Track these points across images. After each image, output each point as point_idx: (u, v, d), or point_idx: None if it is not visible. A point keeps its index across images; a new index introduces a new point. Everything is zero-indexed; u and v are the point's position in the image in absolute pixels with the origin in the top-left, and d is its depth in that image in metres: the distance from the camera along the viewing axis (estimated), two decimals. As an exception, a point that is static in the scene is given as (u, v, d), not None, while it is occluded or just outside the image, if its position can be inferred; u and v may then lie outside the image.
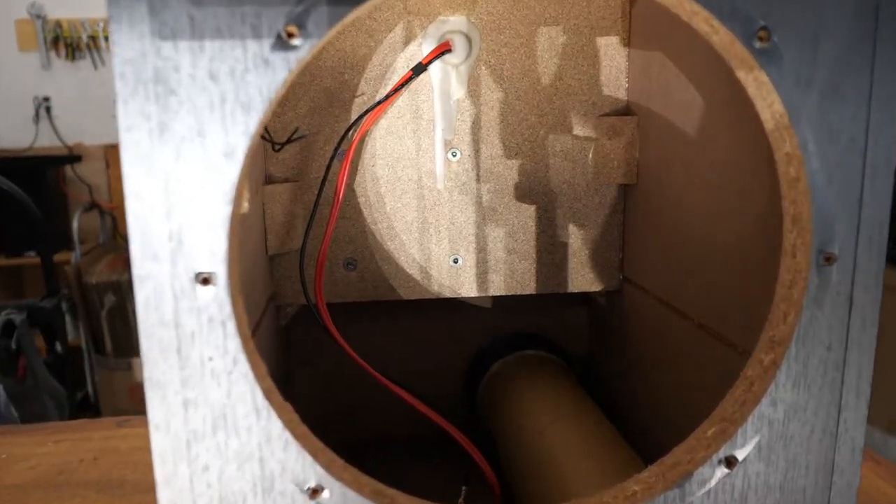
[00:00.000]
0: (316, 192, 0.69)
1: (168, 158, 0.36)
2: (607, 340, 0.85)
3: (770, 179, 0.50)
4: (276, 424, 0.39)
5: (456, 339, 0.88)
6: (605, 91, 0.73)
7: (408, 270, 0.75)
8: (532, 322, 0.89)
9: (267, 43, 0.35)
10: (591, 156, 0.74)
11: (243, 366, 0.38)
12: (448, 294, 0.76)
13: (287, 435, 0.40)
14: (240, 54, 0.35)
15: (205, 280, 0.37)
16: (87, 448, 0.85)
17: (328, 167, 0.69)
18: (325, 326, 0.67)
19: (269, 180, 0.71)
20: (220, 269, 0.37)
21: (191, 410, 0.39)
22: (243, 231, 0.57)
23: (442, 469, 0.72)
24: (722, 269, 0.58)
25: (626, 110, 0.74)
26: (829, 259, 0.42)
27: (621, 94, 0.74)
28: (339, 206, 0.68)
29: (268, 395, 0.40)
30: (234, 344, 0.38)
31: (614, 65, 0.73)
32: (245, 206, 0.38)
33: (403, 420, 0.70)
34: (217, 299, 0.37)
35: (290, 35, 0.35)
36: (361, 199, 0.73)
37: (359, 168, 0.72)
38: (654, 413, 0.71)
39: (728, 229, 0.56)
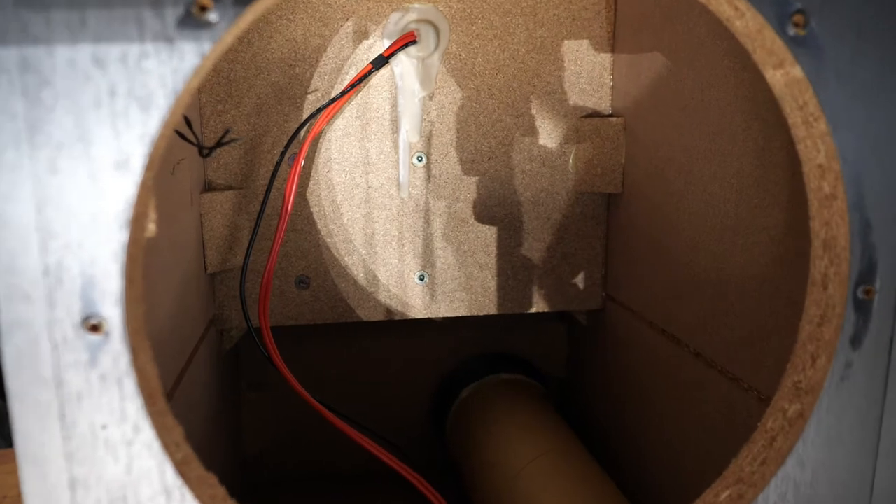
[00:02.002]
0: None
1: (41, 171, 0.27)
2: (588, 363, 0.77)
3: (789, 194, 0.43)
4: (192, 507, 0.31)
5: (422, 362, 0.81)
6: (588, 90, 0.66)
7: (368, 289, 0.67)
8: (505, 341, 0.82)
9: (171, 18, 0.27)
10: (571, 161, 0.67)
11: (147, 434, 0.30)
12: (413, 314, 0.68)
13: (206, 519, 0.31)
14: (134, 33, 0.27)
15: (94, 327, 0.29)
16: (11, 483, 0.75)
17: (274, 172, 0.60)
18: (269, 356, 0.58)
19: (209, 188, 0.62)
20: (113, 313, 0.29)
21: (80, 492, 0.30)
22: (171, 253, 0.48)
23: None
24: (724, 293, 0.50)
25: (610, 111, 0.66)
26: (869, 293, 0.35)
27: (605, 94, 0.66)
28: (288, 217, 0.60)
29: (182, 468, 0.31)
30: (134, 406, 0.30)
31: (598, 61, 0.66)
32: (151, 228, 0.30)
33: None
34: (110, 351, 0.29)
35: (203, 8, 0.27)
36: (315, 209, 0.65)
37: (311, 174, 0.64)
38: (644, 447, 0.64)
39: (734, 249, 0.49)
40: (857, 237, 0.35)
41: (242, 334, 0.67)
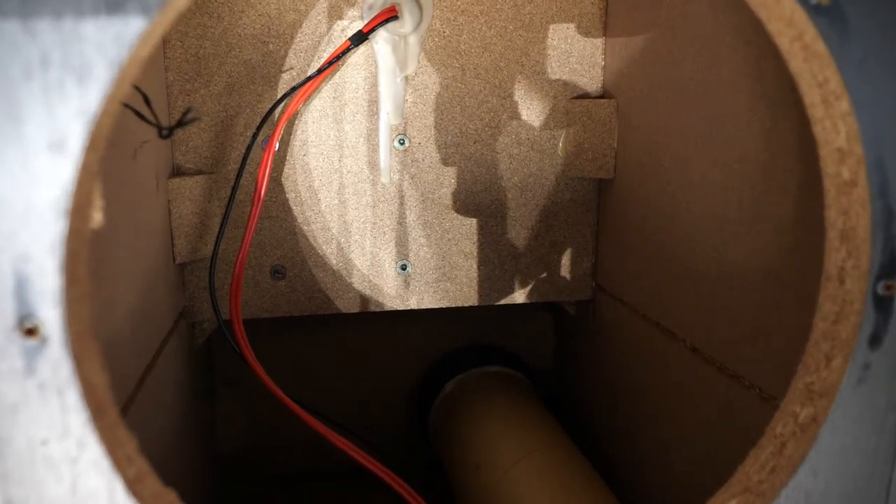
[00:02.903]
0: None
1: (-38, 152, 0.24)
2: (578, 356, 0.74)
3: (799, 181, 0.40)
4: (145, 530, 0.28)
5: (404, 355, 0.78)
6: (578, 70, 0.63)
7: (347, 279, 0.63)
8: (491, 332, 0.79)
9: (113, -23, 0.23)
10: (561, 145, 0.64)
11: (94, 450, 0.27)
12: (394, 306, 0.65)
13: (162, 542, 0.28)
14: (70, -7, 0.23)
15: (29, 331, 0.25)
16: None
17: (246, 156, 0.57)
18: (241, 351, 0.55)
19: (177, 172, 0.58)
20: (51, 315, 0.25)
21: (17, 516, 0.27)
22: (134, 243, 0.45)
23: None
24: (725, 286, 0.48)
25: (602, 93, 0.63)
26: (891, 288, 0.33)
27: (596, 74, 0.63)
28: (261, 204, 0.56)
29: (134, 486, 0.28)
30: (78, 420, 0.26)
31: (589, 39, 0.62)
32: (97, 218, 0.26)
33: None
34: (49, 357, 0.25)
35: (150, -34, 0.23)
36: (290, 195, 0.61)
37: (286, 158, 0.60)
38: (638, 446, 0.61)
39: (735, 240, 0.46)
40: (878, 228, 0.32)
41: (215, 327, 0.63)
